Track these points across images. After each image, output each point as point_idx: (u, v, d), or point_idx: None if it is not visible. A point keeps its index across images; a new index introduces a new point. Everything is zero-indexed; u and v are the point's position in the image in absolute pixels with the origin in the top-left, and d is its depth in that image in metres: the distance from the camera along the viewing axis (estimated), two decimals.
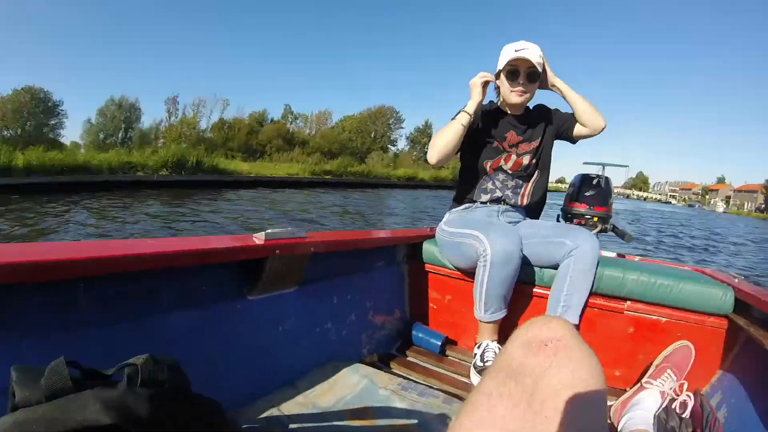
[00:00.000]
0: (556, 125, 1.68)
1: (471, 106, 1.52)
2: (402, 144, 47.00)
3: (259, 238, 1.06)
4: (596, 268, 1.40)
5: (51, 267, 0.66)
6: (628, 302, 1.48)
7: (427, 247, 1.75)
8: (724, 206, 77.87)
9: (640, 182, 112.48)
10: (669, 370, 1.29)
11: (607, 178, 2.14)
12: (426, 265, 1.75)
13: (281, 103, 49.70)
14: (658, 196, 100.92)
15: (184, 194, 12.65)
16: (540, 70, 1.52)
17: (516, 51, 1.49)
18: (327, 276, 1.34)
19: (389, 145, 45.25)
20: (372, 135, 44.17)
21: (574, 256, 1.39)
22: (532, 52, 1.49)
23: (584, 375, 0.37)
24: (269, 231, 1.09)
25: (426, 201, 15.52)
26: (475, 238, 1.42)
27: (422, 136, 47.33)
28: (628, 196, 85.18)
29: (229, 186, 16.95)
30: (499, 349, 1.42)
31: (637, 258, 2.03)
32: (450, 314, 1.73)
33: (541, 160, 1.68)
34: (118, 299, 0.80)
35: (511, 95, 1.55)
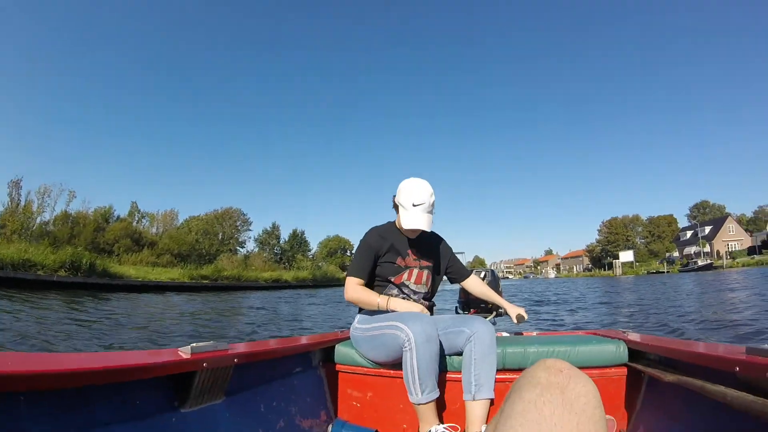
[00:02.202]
0: (448, 263, 1.97)
1: (392, 305, 1.68)
2: (251, 246, 47.30)
3: (185, 353, 1.13)
4: (495, 348, 1.58)
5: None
6: None
7: (341, 349, 1.85)
8: (555, 273, 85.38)
9: (478, 264, 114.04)
10: None
11: (492, 271, 2.24)
12: (342, 366, 1.84)
13: (127, 200, 45.07)
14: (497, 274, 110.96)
15: (86, 295, 12.37)
16: (432, 208, 1.74)
17: (414, 205, 1.69)
18: (251, 385, 1.40)
19: (238, 247, 44.86)
20: (219, 236, 43.54)
21: (473, 341, 1.58)
22: (429, 200, 1.70)
23: (591, 387, 0.60)
24: (194, 345, 1.16)
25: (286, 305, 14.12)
26: (395, 328, 1.54)
27: (270, 238, 48.64)
28: None
29: (122, 289, 16.64)
30: (451, 429, 1.50)
31: (534, 333, 2.21)
32: (374, 410, 1.76)
33: (436, 273, 1.92)
34: (57, 415, 0.82)
35: (408, 232, 1.78)
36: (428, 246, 1.91)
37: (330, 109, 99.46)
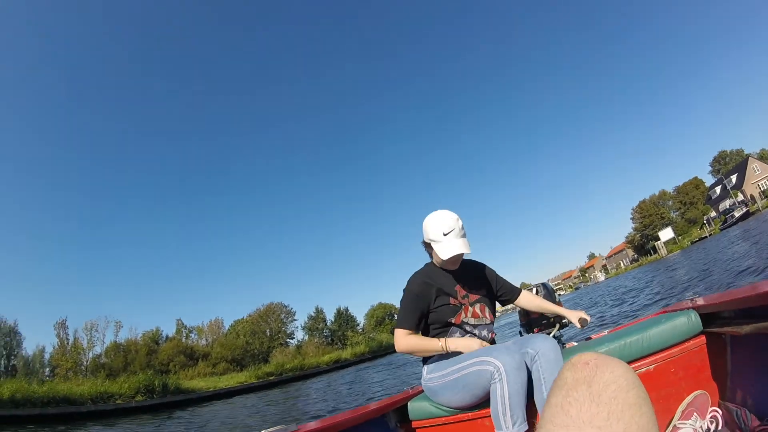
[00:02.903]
0: (496, 286, 1.91)
1: (450, 346, 1.64)
2: (300, 335, 46.13)
3: None
4: (562, 362, 1.50)
5: None
6: None
7: (414, 405, 1.80)
8: (604, 275, 78.67)
9: (525, 287, 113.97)
10: (695, 413, 1.41)
11: (544, 284, 2.24)
12: (418, 422, 1.79)
13: (171, 318, 45.43)
14: None
15: (165, 414, 12.62)
16: (464, 231, 1.72)
17: (445, 234, 1.68)
18: None
19: (288, 339, 43.61)
20: (267, 333, 42.29)
21: (538, 360, 1.50)
22: (458, 225, 1.69)
23: (621, 371, 0.53)
24: None
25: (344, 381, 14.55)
26: (480, 363, 1.48)
27: (317, 322, 47.32)
28: None
29: (197, 402, 16.76)
30: None
31: (606, 332, 2.14)
32: None
33: (490, 302, 1.87)
34: None
35: (448, 264, 1.74)
36: (473, 275, 1.86)
37: (342, 174, 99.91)
